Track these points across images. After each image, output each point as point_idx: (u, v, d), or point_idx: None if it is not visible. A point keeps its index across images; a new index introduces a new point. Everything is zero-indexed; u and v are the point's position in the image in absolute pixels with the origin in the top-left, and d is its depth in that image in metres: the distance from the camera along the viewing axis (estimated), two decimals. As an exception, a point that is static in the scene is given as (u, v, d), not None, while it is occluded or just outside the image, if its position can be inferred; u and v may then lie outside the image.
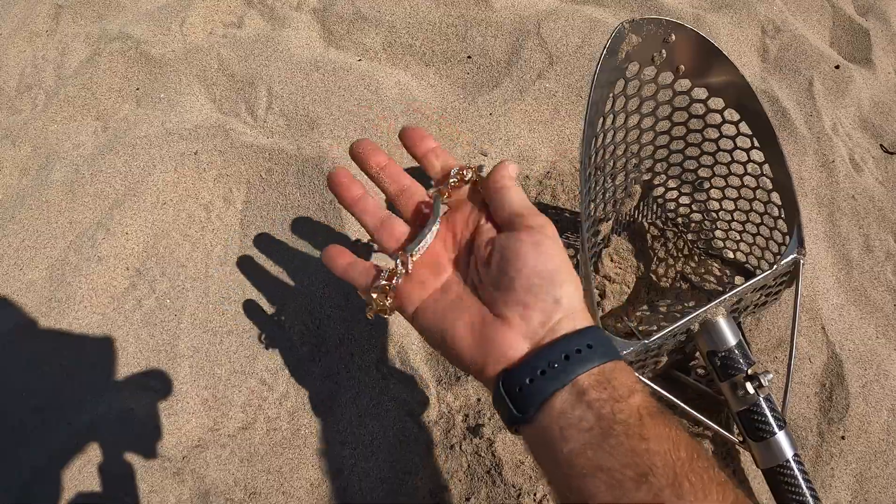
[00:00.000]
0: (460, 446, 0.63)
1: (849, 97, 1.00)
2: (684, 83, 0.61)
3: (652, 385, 0.55)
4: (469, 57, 0.85)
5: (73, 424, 0.73)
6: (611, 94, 0.58)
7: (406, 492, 0.62)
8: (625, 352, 0.53)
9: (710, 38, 0.55)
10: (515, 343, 0.32)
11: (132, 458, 0.70)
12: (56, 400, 0.75)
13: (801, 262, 0.61)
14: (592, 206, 0.65)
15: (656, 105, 0.64)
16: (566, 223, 0.77)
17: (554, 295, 0.33)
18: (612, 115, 0.60)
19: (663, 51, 0.57)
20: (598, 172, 0.63)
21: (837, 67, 1.02)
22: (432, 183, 0.41)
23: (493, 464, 0.62)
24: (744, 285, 0.59)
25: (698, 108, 0.64)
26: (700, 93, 0.62)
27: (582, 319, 0.33)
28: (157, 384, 0.71)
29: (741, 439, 0.58)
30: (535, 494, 0.62)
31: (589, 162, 0.58)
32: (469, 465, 0.63)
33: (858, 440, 0.68)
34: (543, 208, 0.77)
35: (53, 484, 0.72)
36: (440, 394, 0.65)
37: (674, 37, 0.56)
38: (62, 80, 0.92)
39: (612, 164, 0.66)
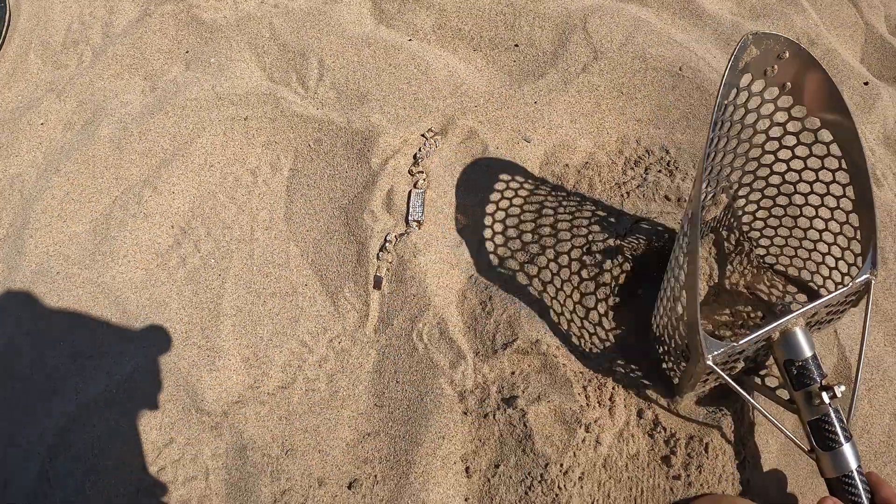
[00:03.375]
0: (494, 415, 0.65)
1: (875, 113, 1.03)
2: (786, 100, 0.62)
3: (730, 382, 0.57)
4: (516, 45, 0.86)
5: (111, 374, 0.75)
6: (724, 103, 0.58)
7: (441, 455, 0.65)
8: (715, 352, 0.55)
9: (820, 61, 0.57)
10: None
11: (171, 409, 0.72)
12: (95, 349, 0.77)
13: (873, 282, 0.61)
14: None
15: (757, 118, 0.64)
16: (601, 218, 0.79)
17: None
18: (720, 123, 0.61)
19: (776, 66, 0.58)
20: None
21: (867, 84, 1.05)
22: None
23: (525, 434, 0.65)
24: (821, 300, 0.60)
25: (795, 126, 0.65)
26: (798, 111, 0.63)
27: None
28: (199, 340, 0.73)
29: (810, 448, 0.61)
30: (561, 465, 0.65)
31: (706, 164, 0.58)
32: (501, 434, 0.66)
33: (861, 440, 0.71)
34: (582, 199, 0.79)
35: (89, 431, 0.74)
36: (477, 365, 0.68)
37: (787, 54, 0.57)
38: (110, 39, 0.92)
39: (709, 170, 0.66)
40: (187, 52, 0.89)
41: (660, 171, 0.83)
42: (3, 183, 0.85)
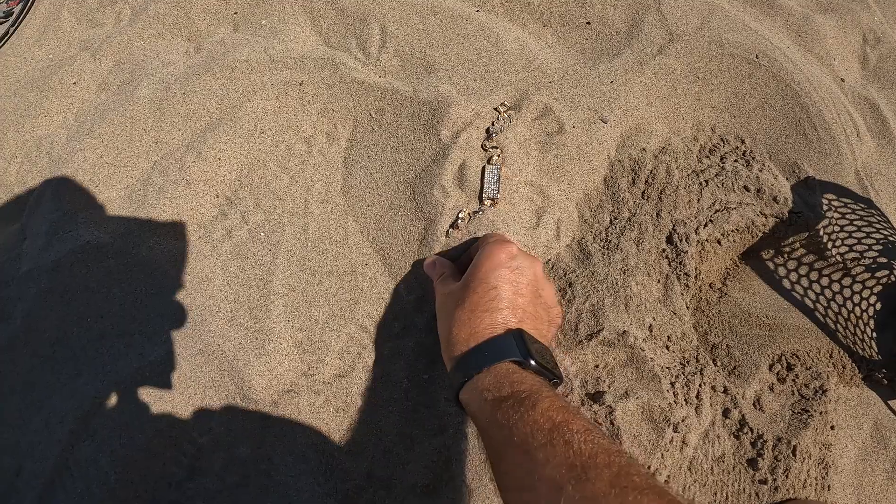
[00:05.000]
0: (579, 413, 0.59)
1: (939, 115, 0.99)
2: None
3: None
4: (588, 23, 0.82)
5: (144, 355, 0.68)
6: None
7: (518, 455, 0.59)
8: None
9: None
10: None
11: (213, 397, 0.65)
12: (126, 327, 0.70)
13: None
14: None
15: None
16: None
17: None
18: None
19: None
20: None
21: (929, 85, 1.02)
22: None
23: (612, 433, 0.59)
24: None
25: None
26: None
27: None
28: (246, 321, 0.66)
29: None
30: (648, 467, 0.59)
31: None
32: (584, 435, 0.60)
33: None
34: (661, 185, 0.74)
35: (117, 417, 0.67)
36: (558, 356, 0.62)
37: None
38: (151, -4, 0.86)
39: None
40: (235, 13, 0.83)
41: (736, 161, 0.79)
42: (29, 144, 0.78)
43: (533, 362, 0.49)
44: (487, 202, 0.66)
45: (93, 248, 0.72)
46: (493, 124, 0.70)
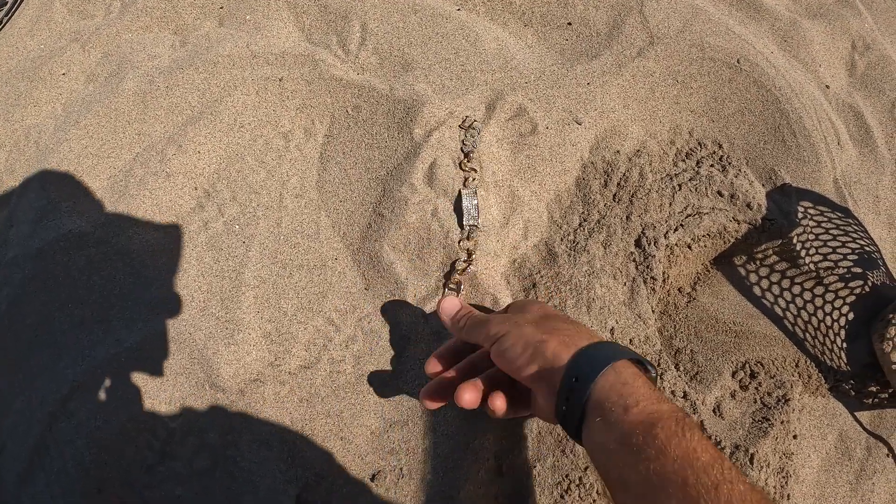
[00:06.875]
0: (535, 411, 0.61)
1: (928, 125, 0.98)
2: None
3: None
4: (569, 23, 0.82)
5: (121, 341, 0.70)
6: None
7: (473, 449, 0.60)
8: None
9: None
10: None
11: (183, 383, 0.67)
12: (105, 314, 0.72)
13: None
14: None
15: None
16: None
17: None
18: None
19: None
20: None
21: (921, 95, 1.00)
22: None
23: (565, 435, 0.60)
24: None
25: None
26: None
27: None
28: (218, 311, 0.68)
29: None
30: (604, 470, 0.60)
31: None
32: (539, 433, 0.61)
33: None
34: (633, 188, 0.74)
35: (93, 402, 0.69)
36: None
37: None
38: (140, -10, 0.87)
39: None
40: (221, 7, 0.84)
41: (712, 166, 0.79)
42: (18, 133, 0.80)
43: (651, 369, 0.46)
44: (467, 228, 0.65)
45: (75, 237, 0.74)
46: (463, 143, 0.70)
